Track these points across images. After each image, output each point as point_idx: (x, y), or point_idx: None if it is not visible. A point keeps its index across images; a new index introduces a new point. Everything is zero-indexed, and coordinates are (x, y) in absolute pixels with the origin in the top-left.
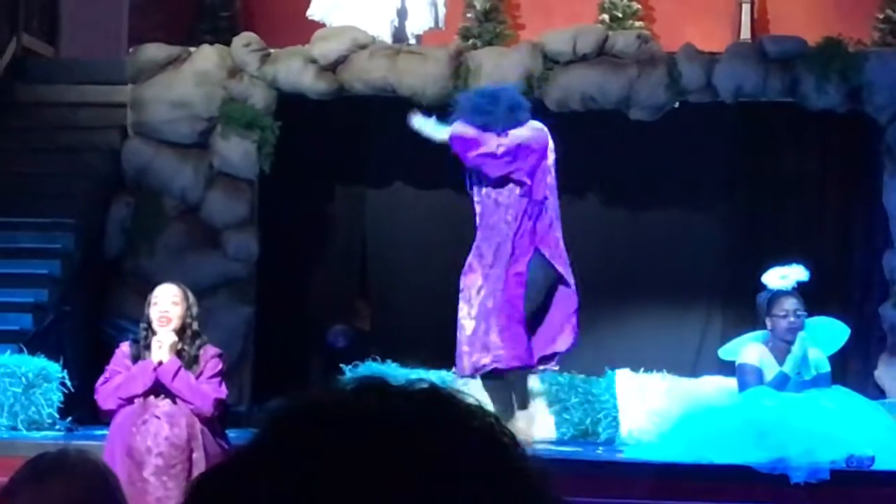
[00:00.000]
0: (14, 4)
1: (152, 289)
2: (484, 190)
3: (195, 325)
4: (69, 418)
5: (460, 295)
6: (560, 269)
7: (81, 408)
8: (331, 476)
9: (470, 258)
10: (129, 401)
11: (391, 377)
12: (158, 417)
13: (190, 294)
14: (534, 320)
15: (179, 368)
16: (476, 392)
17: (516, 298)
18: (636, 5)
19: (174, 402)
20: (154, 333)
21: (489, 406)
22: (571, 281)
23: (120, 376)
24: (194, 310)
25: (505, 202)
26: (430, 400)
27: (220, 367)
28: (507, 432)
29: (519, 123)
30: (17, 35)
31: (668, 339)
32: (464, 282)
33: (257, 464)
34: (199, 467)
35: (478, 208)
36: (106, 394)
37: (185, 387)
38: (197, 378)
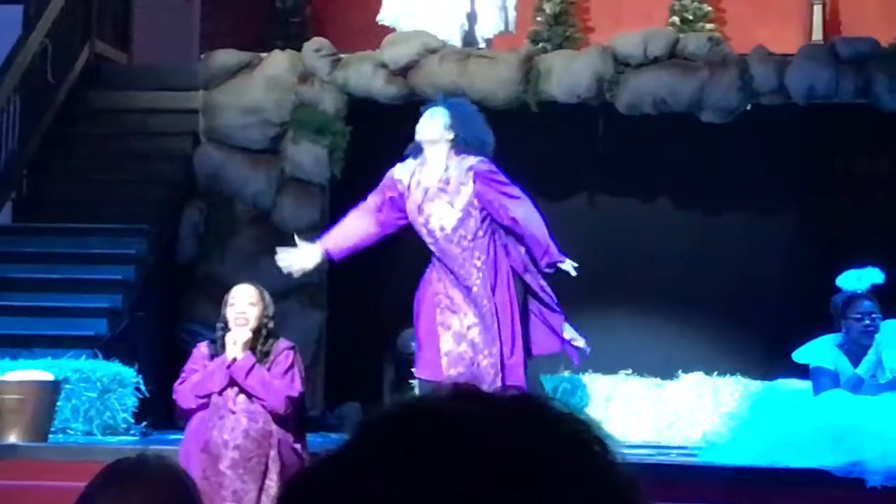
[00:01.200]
0: (87, 12)
1: (229, 289)
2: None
3: (271, 325)
4: (144, 423)
5: None
6: None
7: (156, 412)
8: (421, 480)
9: None
10: (207, 398)
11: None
12: (234, 412)
13: (266, 294)
14: None
15: (253, 366)
16: None
17: None
18: (707, 7)
19: (251, 400)
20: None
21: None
22: None
23: (197, 374)
24: (270, 310)
25: None
26: (522, 405)
27: (291, 359)
28: (598, 439)
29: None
30: (90, 42)
31: (740, 341)
32: None
33: (350, 466)
34: (274, 468)
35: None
36: (184, 393)
37: (258, 384)
38: (269, 370)
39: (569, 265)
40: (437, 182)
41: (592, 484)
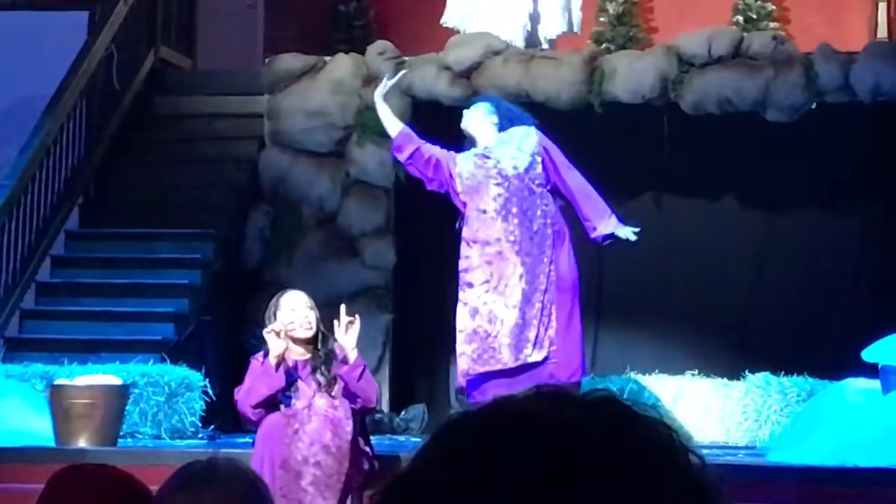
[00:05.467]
0: (151, 17)
1: (275, 296)
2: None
3: (323, 328)
4: (211, 427)
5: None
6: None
7: (223, 416)
8: (499, 483)
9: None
10: (265, 406)
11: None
12: (305, 429)
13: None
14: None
15: (364, 368)
16: None
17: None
18: (770, 6)
19: (334, 407)
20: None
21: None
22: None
23: (247, 381)
24: (317, 312)
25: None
26: (608, 410)
27: (360, 358)
28: (685, 444)
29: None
30: (154, 48)
31: (808, 340)
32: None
33: (432, 472)
34: (354, 479)
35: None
36: (243, 403)
37: (368, 385)
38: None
39: (628, 231)
40: (500, 136)
41: (679, 490)
